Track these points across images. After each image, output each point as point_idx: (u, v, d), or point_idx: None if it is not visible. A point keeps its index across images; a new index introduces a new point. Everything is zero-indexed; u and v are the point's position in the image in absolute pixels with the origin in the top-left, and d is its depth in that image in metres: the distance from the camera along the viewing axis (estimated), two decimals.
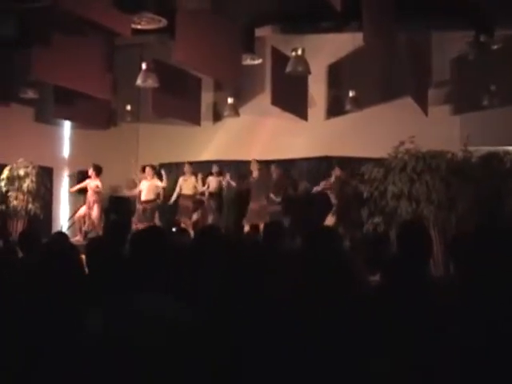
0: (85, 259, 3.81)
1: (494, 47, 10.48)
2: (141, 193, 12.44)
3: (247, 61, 11.17)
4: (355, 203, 10.07)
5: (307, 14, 10.34)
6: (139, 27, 9.25)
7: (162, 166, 13.70)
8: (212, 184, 12.78)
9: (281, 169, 12.26)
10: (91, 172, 12.38)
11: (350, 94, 11.87)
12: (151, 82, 10.78)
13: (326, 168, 12.68)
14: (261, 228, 11.40)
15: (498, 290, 2.81)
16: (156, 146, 13.80)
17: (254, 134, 13.18)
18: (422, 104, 10.97)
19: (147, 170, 12.48)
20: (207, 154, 13.62)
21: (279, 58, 11.06)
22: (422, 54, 11.17)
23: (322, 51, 12.04)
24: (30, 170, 12.33)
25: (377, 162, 9.76)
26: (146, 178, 12.47)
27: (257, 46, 11.15)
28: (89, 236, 11.90)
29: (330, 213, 11.06)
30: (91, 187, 12.33)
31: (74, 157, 14.04)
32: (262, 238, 5.38)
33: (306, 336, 2.48)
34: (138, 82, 10.71)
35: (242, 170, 13.04)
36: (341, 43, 11.70)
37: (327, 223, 10.66)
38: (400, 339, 2.69)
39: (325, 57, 12.46)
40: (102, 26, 8.70)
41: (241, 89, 12.70)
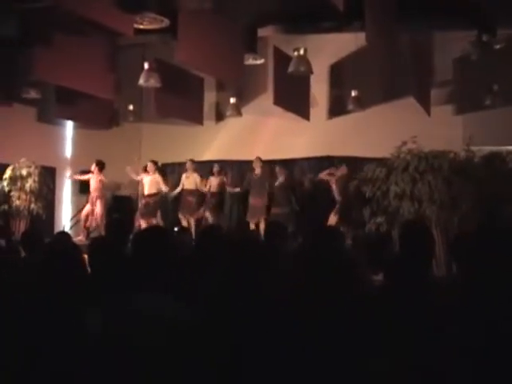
0: (87, 259, 3.81)
1: (497, 47, 10.47)
2: (143, 188, 12.47)
3: (249, 61, 11.18)
4: (358, 203, 10.06)
5: (309, 13, 10.33)
6: (141, 27, 9.26)
7: (165, 165, 13.73)
8: (213, 184, 12.78)
9: (286, 170, 12.25)
10: (94, 167, 12.40)
11: (353, 93, 11.85)
12: (153, 82, 10.77)
13: (327, 168, 12.69)
14: (261, 225, 11.49)
15: (500, 289, 2.81)
16: (159, 145, 13.80)
17: (256, 134, 13.18)
18: (425, 104, 10.96)
19: (149, 164, 12.49)
20: (210, 154, 13.62)
21: (281, 58, 11.06)
22: (424, 53, 11.16)
23: (324, 51, 12.03)
24: (32, 169, 12.35)
25: (379, 161, 9.76)
26: (147, 173, 12.49)
27: (259, 46, 11.15)
28: (91, 236, 11.91)
29: (333, 210, 11.04)
30: (94, 182, 12.35)
31: (77, 157, 14.06)
32: (263, 237, 5.39)
33: (304, 336, 2.48)
34: (141, 81, 10.70)
35: (244, 169, 13.04)
36: (343, 43, 11.69)
37: (330, 222, 10.65)
38: (399, 339, 2.68)
39: (327, 57, 12.46)
40: (104, 26, 8.69)
41: (243, 89, 12.70)
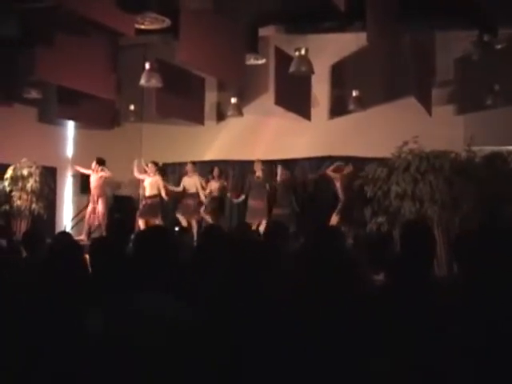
0: (88, 259, 3.82)
1: (498, 47, 10.46)
2: (144, 189, 12.46)
3: (251, 61, 11.16)
4: (359, 202, 10.06)
5: (311, 13, 10.34)
6: (143, 27, 9.23)
7: (166, 165, 13.72)
8: (213, 188, 12.76)
9: (288, 170, 12.24)
10: (94, 165, 12.40)
11: (354, 93, 11.84)
12: (155, 82, 10.76)
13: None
14: (262, 226, 11.47)
15: (501, 289, 2.81)
16: (159, 145, 13.79)
17: (257, 134, 13.17)
18: (426, 104, 10.95)
19: (150, 166, 12.47)
20: (211, 154, 13.61)
21: (283, 58, 11.05)
22: (426, 53, 11.14)
23: (325, 51, 12.03)
24: (33, 169, 12.36)
25: (380, 161, 9.76)
26: (148, 174, 12.48)
27: (260, 46, 11.14)
28: (92, 236, 11.92)
29: (335, 209, 11.03)
30: (94, 180, 12.35)
31: (78, 157, 14.06)
32: (265, 238, 5.38)
33: (305, 336, 2.48)
34: (142, 81, 10.69)
35: (245, 169, 13.03)
36: (344, 43, 11.69)
37: (331, 222, 10.65)
38: (401, 339, 2.68)
39: (328, 57, 12.45)
40: (105, 26, 8.69)
41: (244, 89, 12.68)
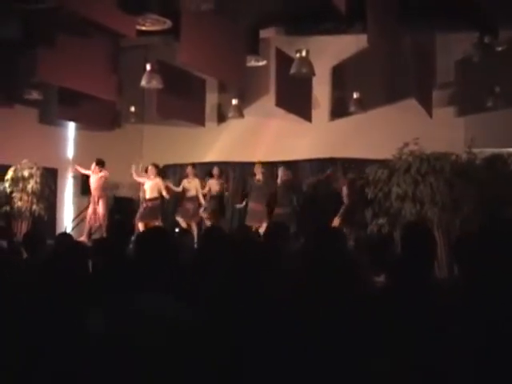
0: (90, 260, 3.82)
1: (499, 49, 10.48)
2: (145, 192, 12.46)
3: (251, 62, 11.18)
4: (361, 205, 10.05)
5: (311, 15, 10.35)
6: (144, 28, 9.26)
7: (167, 167, 13.72)
8: (213, 187, 12.75)
9: (289, 171, 12.21)
10: (94, 167, 12.39)
11: (355, 95, 11.85)
12: (156, 84, 10.76)
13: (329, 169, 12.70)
14: (262, 229, 11.43)
15: (501, 291, 2.81)
16: (160, 147, 13.80)
17: (258, 136, 13.18)
18: (427, 106, 10.96)
19: (150, 168, 12.42)
20: (211, 155, 13.61)
21: (283, 60, 11.06)
22: (426, 55, 11.15)
23: (326, 53, 12.04)
24: (34, 171, 12.35)
25: (381, 163, 9.76)
26: (148, 176, 12.46)
27: (261, 48, 11.16)
28: (93, 237, 11.91)
29: (338, 211, 11.01)
30: (94, 181, 12.35)
31: (79, 158, 14.04)
32: (265, 238, 5.38)
33: (306, 336, 2.48)
34: (143, 83, 10.69)
35: (246, 171, 13.03)
36: (345, 45, 11.70)
37: (333, 224, 10.63)
38: (401, 339, 2.68)
39: (329, 58, 12.45)
40: (106, 28, 8.70)
41: (245, 90, 12.69)
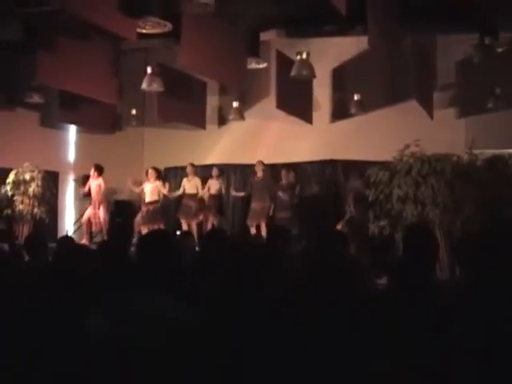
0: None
1: (499, 50, 10.49)
2: (144, 195, 12.46)
3: (252, 65, 11.19)
4: (363, 206, 10.04)
5: (312, 17, 10.35)
6: (144, 31, 9.27)
7: (168, 170, 13.74)
8: (212, 187, 12.76)
9: (292, 173, 12.20)
10: (93, 173, 12.39)
11: (355, 97, 11.87)
12: (156, 86, 10.77)
13: (330, 171, 12.71)
14: (262, 228, 11.48)
15: (502, 292, 2.81)
16: (161, 150, 13.82)
17: (259, 138, 13.19)
18: (427, 107, 10.96)
19: (150, 172, 12.45)
20: (212, 158, 13.62)
21: (284, 62, 11.06)
22: (427, 56, 11.16)
23: (326, 55, 12.04)
24: (35, 174, 12.35)
25: (382, 165, 9.74)
26: (148, 180, 12.48)
27: (262, 50, 11.17)
28: (94, 240, 11.92)
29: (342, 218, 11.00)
30: (94, 187, 12.35)
31: (80, 161, 14.06)
32: (266, 240, 5.39)
33: (306, 336, 2.48)
34: (144, 86, 10.70)
35: (247, 173, 13.04)
36: (346, 47, 11.70)
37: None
38: (401, 340, 2.68)
39: (330, 60, 12.45)
40: (107, 31, 8.70)
41: (246, 92, 12.70)
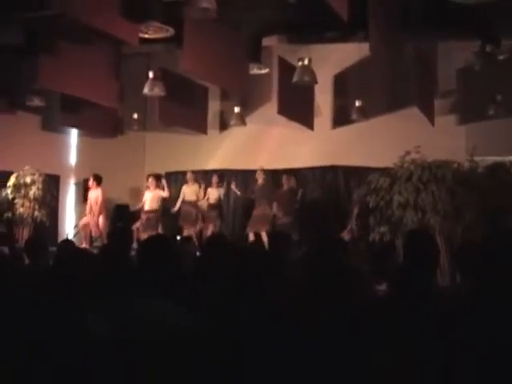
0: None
1: (500, 57, 10.50)
2: (144, 203, 12.46)
3: (254, 70, 11.20)
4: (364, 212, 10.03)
5: (314, 23, 10.36)
6: (146, 36, 9.27)
7: (169, 174, 13.74)
8: (212, 195, 12.76)
9: (293, 178, 12.20)
10: (91, 182, 12.34)
11: (356, 103, 11.87)
12: (158, 91, 10.78)
13: (331, 177, 12.72)
14: (263, 236, 11.45)
15: (504, 300, 2.81)
16: (162, 154, 13.83)
17: (260, 143, 13.19)
18: (428, 114, 10.96)
19: (150, 180, 12.49)
20: (213, 163, 13.63)
21: (286, 68, 11.08)
22: (428, 63, 11.16)
23: (328, 61, 12.05)
24: (36, 177, 12.36)
25: (383, 171, 9.74)
26: (148, 188, 12.48)
27: (263, 56, 11.18)
28: (94, 244, 11.90)
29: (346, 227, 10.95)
30: (92, 198, 12.29)
31: (81, 165, 14.06)
32: (268, 246, 5.39)
33: (307, 341, 2.48)
34: (145, 90, 10.71)
35: (248, 179, 13.04)
36: (347, 53, 11.70)
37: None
38: (402, 345, 2.68)
39: (331, 66, 12.47)
40: (109, 35, 8.71)
41: (247, 98, 12.70)
